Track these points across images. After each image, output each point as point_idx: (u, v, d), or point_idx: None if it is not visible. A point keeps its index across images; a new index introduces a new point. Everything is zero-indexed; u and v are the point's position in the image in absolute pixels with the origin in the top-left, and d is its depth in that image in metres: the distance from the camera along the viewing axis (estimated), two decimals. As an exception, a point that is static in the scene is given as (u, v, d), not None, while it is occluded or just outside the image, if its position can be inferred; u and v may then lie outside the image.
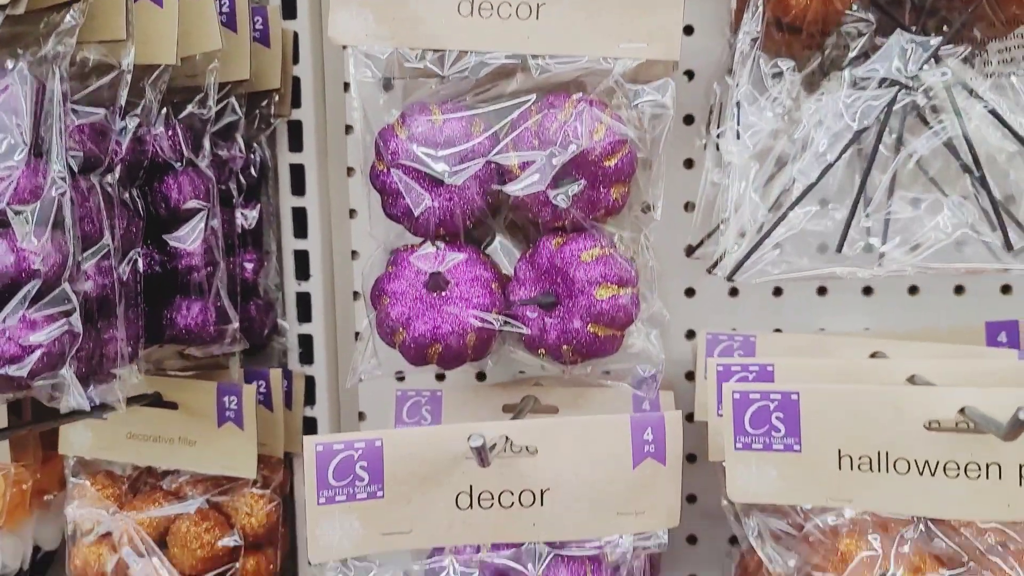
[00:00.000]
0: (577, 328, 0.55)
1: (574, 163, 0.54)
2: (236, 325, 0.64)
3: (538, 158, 0.54)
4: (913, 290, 0.74)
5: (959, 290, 0.73)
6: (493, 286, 0.57)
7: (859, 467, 0.51)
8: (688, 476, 0.77)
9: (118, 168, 0.56)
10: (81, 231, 0.52)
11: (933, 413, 0.50)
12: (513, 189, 0.54)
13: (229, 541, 0.70)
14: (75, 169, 0.52)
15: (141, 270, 0.58)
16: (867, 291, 0.75)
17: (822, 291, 0.75)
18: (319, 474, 0.51)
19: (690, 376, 0.77)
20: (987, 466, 0.49)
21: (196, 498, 0.71)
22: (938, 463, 0.50)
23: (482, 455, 0.46)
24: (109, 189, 0.55)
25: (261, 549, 0.74)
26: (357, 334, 0.79)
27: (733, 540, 0.78)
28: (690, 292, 0.76)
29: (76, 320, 0.48)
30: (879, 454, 0.51)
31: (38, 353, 0.47)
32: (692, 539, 0.79)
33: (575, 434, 0.54)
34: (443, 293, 0.56)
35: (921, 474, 0.50)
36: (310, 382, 0.78)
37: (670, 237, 0.75)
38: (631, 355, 0.59)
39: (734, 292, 0.76)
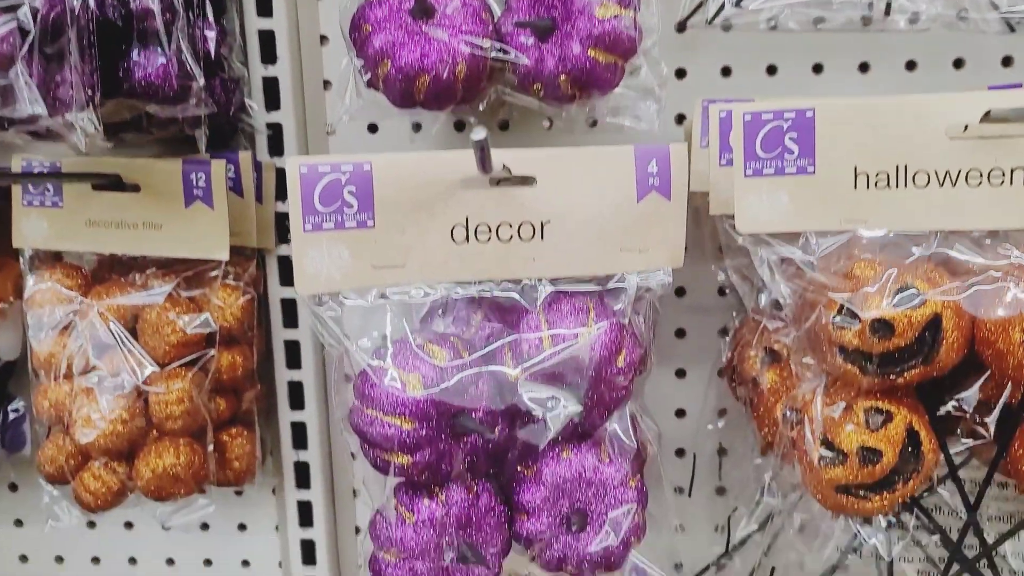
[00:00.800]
0: (576, 54, 0.51)
1: None
2: (201, 83, 0.58)
3: None
4: (911, 65, 0.71)
5: (959, 63, 0.71)
6: (484, 15, 0.52)
7: (876, 184, 0.49)
8: (676, 269, 0.75)
9: None
10: (23, -65, 0.46)
11: (956, 119, 0.47)
12: None
13: (203, 326, 0.66)
14: None
15: (92, 6, 0.53)
16: (863, 67, 0.71)
17: (817, 68, 0.72)
18: (304, 198, 0.47)
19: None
20: (1011, 171, 0.47)
21: (165, 286, 0.67)
22: (960, 172, 0.48)
23: (484, 154, 0.43)
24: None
25: (237, 345, 0.71)
26: (330, 126, 0.75)
27: (723, 332, 0.76)
28: (680, 73, 0.72)
29: (25, 15, 0.43)
30: (897, 168, 0.48)
31: (-17, 48, 0.42)
32: (680, 333, 0.77)
33: (577, 164, 0.50)
34: (430, 20, 0.51)
35: (942, 185, 0.48)
36: (280, 175, 0.74)
37: (657, 15, 0.70)
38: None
39: (726, 72, 0.72)
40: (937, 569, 0.65)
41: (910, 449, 0.49)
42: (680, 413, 0.79)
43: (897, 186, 0.49)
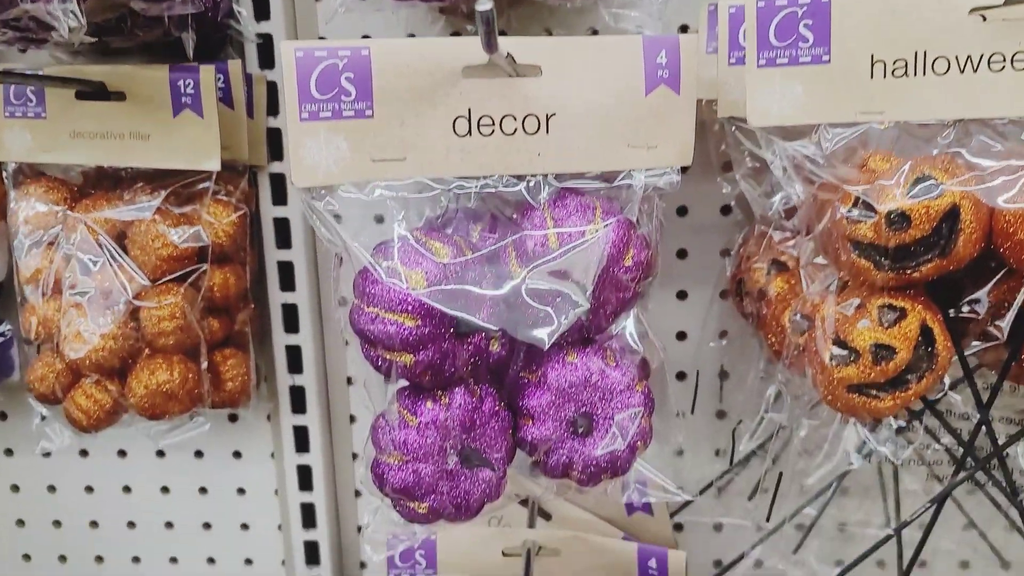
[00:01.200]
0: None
1: None
2: (186, -24, 0.56)
3: None
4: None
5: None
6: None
7: (893, 73, 0.47)
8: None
9: None
10: None
11: (978, 0, 0.45)
12: None
13: (193, 239, 0.64)
14: None
15: None
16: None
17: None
18: (300, 85, 0.45)
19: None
20: (1036, 55, 0.45)
21: (154, 200, 0.65)
22: (982, 57, 0.46)
23: (489, 28, 0.40)
24: None
25: (229, 263, 0.69)
26: (321, 39, 0.72)
27: (724, 253, 0.75)
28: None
29: None
30: (916, 55, 0.47)
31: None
32: (682, 253, 0.76)
33: (584, 55, 0.48)
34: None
35: (962, 71, 0.46)
36: (272, 90, 0.71)
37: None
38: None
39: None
40: (940, 480, 0.65)
41: (924, 347, 0.48)
42: (681, 336, 0.78)
43: (915, 74, 0.47)
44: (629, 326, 0.54)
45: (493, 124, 0.48)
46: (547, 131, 0.48)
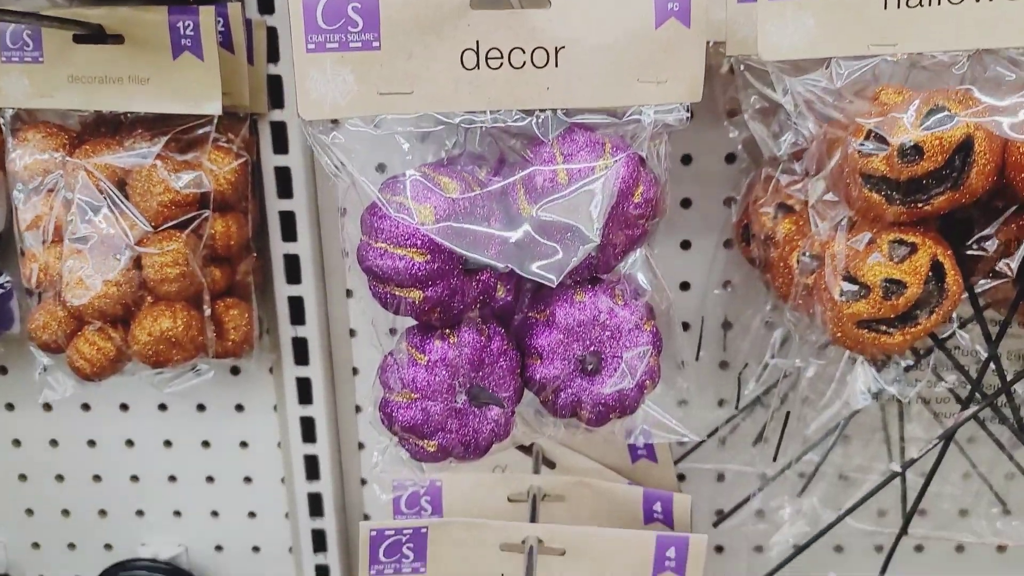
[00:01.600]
0: None
1: None
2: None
3: None
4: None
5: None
6: None
7: (907, 3, 0.46)
8: (682, 135, 0.72)
9: None
10: None
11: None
12: None
13: (194, 185, 0.63)
14: None
15: None
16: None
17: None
18: (307, 14, 0.44)
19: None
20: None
21: (154, 146, 0.64)
22: None
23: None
24: None
25: (231, 212, 0.68)
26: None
27: (728, 202, 0.75)
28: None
29: None
30: (931, -18, 0.46)
31: None
32: (687, 203, 0.75)
33: (592, -15, 0.47)
34: None
35: (978, 0, 0.46)
36: (272, 35, 0.70)
37: None
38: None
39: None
40: (942, 424, 0.65)
41: (934, 282, 0.48)
42: (684, 286, 0.78)
43: (929, 4, 0.46)
44: (638, 266, 0.54)
45: (502, 57, 0.47)
46: (556, 64, 0.48)
